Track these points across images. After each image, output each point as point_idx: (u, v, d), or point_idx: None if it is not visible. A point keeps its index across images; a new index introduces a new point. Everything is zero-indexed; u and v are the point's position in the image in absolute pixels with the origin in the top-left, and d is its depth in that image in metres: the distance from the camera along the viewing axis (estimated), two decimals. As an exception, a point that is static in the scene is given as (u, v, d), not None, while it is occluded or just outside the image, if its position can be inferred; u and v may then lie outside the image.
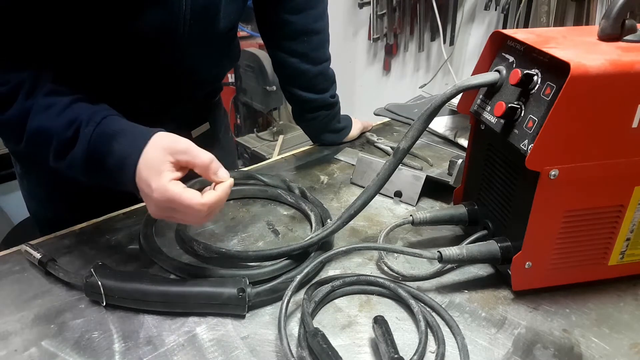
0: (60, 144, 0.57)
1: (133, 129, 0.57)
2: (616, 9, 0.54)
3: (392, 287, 0.59)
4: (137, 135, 0.56)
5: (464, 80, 0.59)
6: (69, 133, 0.56)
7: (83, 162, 0.56)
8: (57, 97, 0.58)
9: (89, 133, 0.56)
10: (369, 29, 2.27)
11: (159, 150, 0.54)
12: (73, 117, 0.57)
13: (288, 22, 0.87)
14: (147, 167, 0.54)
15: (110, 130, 0.56)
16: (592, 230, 0.57)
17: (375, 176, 0.64)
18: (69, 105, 0.58)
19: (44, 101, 0.57)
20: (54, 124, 0.56)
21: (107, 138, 0.56)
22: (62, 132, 0.56)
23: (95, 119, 0.57)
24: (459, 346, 0.53)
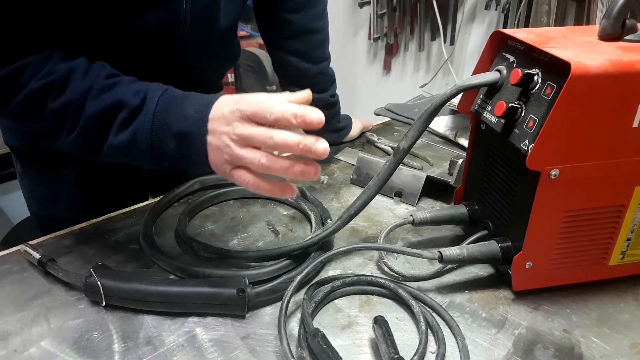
0: (129, 115, 0.55)
1: (199, 95, 0.57)
2: (616, 9, 0.54)
3: (393, 287, 0.59)
4: (205, 96, 0.56)
5: (464, 80, 0.59)
6: (136, 100, 0.55)
7: (150, 124, 0.54)
8: (118, 77, 0.58)
9: (156, 96, 0.55)
10: (369, 28, 2.27)
11: (238, 95, 0.54)
12: (139, 87, 0.56)
13: (288, 21, 0.87)
14: (226, 103, 0.53)
15: (178, 94, 0.56)
16: (593, 230, 0.57)
17: (375, 176, 0.63)
18: (133, 81, 0.58)
19: (108, 82, 0.56)
20: (124, 95, 0.55)
21: (175, 99, 0.55)
22: (131, 100, 0.55)
23: (160, 87, 0.57)
24: (459, 346, 0.53)
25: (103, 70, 0.58)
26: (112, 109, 0.55)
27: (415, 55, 2.22)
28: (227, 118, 0.51)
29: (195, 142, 0.53)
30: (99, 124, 0.55)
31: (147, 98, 0.55)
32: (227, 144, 0.51)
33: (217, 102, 0.53)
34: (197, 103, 0.55)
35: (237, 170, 0.53)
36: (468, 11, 1.97)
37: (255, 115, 0.51)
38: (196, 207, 0.78)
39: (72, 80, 0.55)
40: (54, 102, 0.55)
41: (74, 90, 0.55)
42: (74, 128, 0.56)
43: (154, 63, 0.71)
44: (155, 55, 0.70)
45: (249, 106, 0.51)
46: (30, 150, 0.82)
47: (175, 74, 0.75)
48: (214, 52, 0.79)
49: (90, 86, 0.55)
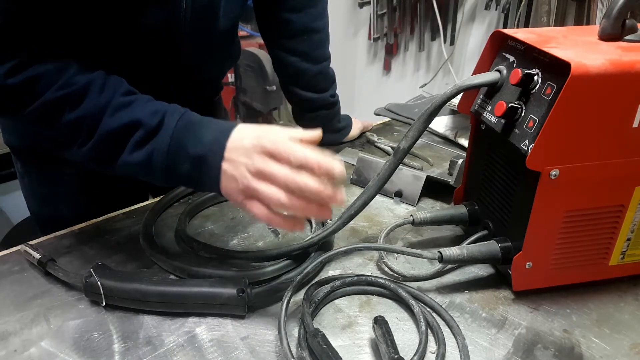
0: (145, 134, 0.55)
1: (217, 121, 0.57)
2: (616, 9, 0.54)
3: (393, 287, 0.59)
4: (223, 123, 0.56)
5: (464, 80, 0.59)
6: (154, 121, 0.55)
7: (166, 146, 0.54)
8: (135, 95, 0.58)
9: (175, 119, 0.55)
10: (369, 28, 2.27)
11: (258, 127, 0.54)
12: (156, 107, 0.56)
13: (288, 20, 0.87)
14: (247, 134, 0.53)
15: (196, 119, 0.56)
16: (593, 230, 0.57)
17: (375, 176, 0.63)
18: (149, 100, 0.58)
19: (125, 99, 0.56)
20: (142, 114, 0.55)
21: (193, 124, 0.56)
22: (148, 120, 0.55)
23: (179, 109, 0.57)
24: (459, 346, 0.53)
25: (120, 86, 0.58)
26: (129, 127, 0.55)
27: (415, 55, 2.22)
28: (247, 149, 0.52)
29: (210, 168, 0.53)
30: (115, 141, 0.56)
31: (166, 119, 0.55)
32: (245, 175, 0.52)
33: (236, 132, 0.54)
34: (215, 129, 0.55)
35: (250, 202, 0.53)
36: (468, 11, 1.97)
37: (277, 154, 0.51)
38: (196, 207, 0.78)
39: (90, 94, 0.55)
40: (70, 114, 0.55)
41: (91, 105, 0.55)
42: (87, 141, 0.56)
43: (154, 62, 0.71)
44: (156, 55, 0.70)
45: (271, 144, 0.51)
46: (30, 150, 0.82)
47: (175, 74, 0.75)
48: (215, 51, 0.79)
49: (108, 102, 0.55)
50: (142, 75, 0.72)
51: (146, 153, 0.55)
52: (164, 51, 0.70)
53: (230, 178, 0.53)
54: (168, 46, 0.70)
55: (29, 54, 0.54)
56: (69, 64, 0.56)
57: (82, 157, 0.58)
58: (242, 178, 0.52)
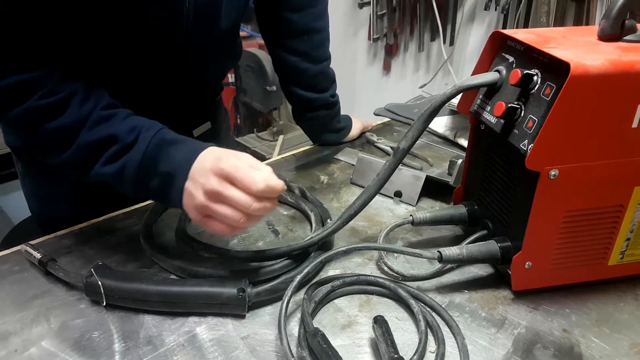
0: (120, 149, 0.58)
1: (191, 140, 0.60)
2: (616, 9, 0.54)
3: (392, 287, 0.59)
4: (195, 143, 0.59)
5: (464, 80, 0.59)
6: (130, 137, 0.58)
7: (138, 162, 0.57)
8: (116, 110, 0.60)
9: (148, 137, 0.58)
10: (369, 29, 2.27)
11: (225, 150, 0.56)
12: (134, 124, 0.59)
13: (289, 20, 0.87)
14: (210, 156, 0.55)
15: (170, 137, 0.59)
16: (592, 230, 0.57)
17: (375, 176, 0.64)
18: (128, 116, 0.60)
19: (105, 113, 0.59)
20: (119, 130, 0.58)
21: (166, 143, 0.58)
22: (125, 136, 0.57)
23: (155, 127, 0.59)
24: (459, 346, 0.53)
25: (102, 99, 0.60)
26: (105, 142, 0.58)
27: (415, 55, 2.22)
28: (205, 170, 0.54)
29: (176, 185, 0.56)
30: (90, 153, 0.58)
31: (141, 136, 0.58)
32: (199, 194, 0.54)
33: (203, 153, 0.56)
34: (186, 149, 0.57)
35: (207, 219, 0.56)
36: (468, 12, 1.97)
37: (236, 180, 0.53)
38: (196, 207, 0.78)
39: (72, 105, 0.57)
40: (50, 123, 0.57)
41: (72, 116, 0.57)
42: (63, 151, 0.58)
43: (155, 62, 0.71)
44: (157, 55, 0.70)
45: (231, 167, 0.53)
46: (31, 150, 0.82)
47: (176, 74, 0.75)
48: (216, 52, 0.79)
49: (88, 115, 0.58)
50: (142, 75, 0.72)
51: (119, 166, 0.58)
52: (165, 51, 0.70)
53: (189, 196, 0.55)
54: (169, 46, 0.70)
55: (22, 53, 0.55)
56: (54, 71, 0.57)
57: (57, 164, 0.60)
58: (197, 197, 0.54)
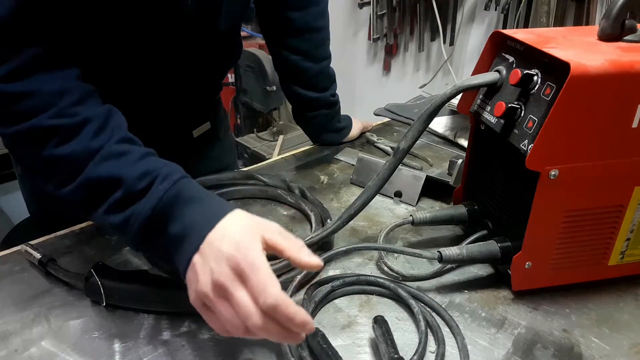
0: (125, 196, 0.50)
1: (212, 199, 0.51)
2: (616, 9, 0.54)
3: (392, 287, 0.59)
4: (215, 205, 0.50)
5: (464, 80, 0.59)
6: (141, 184, 0.50)
7: (145, 218, 0.49)
8: (130, 146, 0.53)
9: (162, 190, 0.49)
10: (369, 29, 2.27)
11: (250, 221, 0.48)
12: (148, 168, 0.51)
13: (290, 19, 0.87)
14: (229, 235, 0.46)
15: (187, 195, 0.50)
16: (592, 230, 0.58)
17: (375, 176, 0.64)
18: (144, 157, 0.52)
19: (117, 148, 0.51)
20: (127, 173, 0.50)
21: (182, 201, 0.50)
22: (134, 182, 0.50)
23: (172, 177, 0.51)
24: (459, 346, 0.53)
25: (118, 131, 0.53)
26: (110, 183, 0.50)
27: (415, 55, 2.22)
28: (221, 254, 0.45)
29: (183, 252, 0.48)
30: (93, 193, 0.51)
31: (153, 187, 0.50)
32: (206, 282, 0.45)
33: (223, 224, 0.47)
34: (203, 212, 0.49)
35: (206, 311, 0.47)
36: (468, 12, 1.97)
37: (249, 282, 0.44)
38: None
39: (83, 133, 0.51)
40: (56, 149, 0.50)
41: (81, 146, 0.50)
42: (65, 184, 0.52)
43: (155, 61, 0.71)
44: (157, 53, 0.70)
45: (249, 268, 0.44)
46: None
47: (176, 72, 0.75)
48: (216, 51, 0.79)
49: (99, 148, 0.51)
50: (142, 75, 0.72)
51: (123, 217, 0.50)
52: (165, 50, 0.70)
53: (194, 273, 0.46)
54: (170, 45, 0.70)
55: (32, 57, 0.50)
56: (69, 89, 0.52)
57: (58, 196, 0.53)
58: (202, 283, 0.45)
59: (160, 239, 0.50)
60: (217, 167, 0.95)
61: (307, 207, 0.77)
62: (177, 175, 0.51)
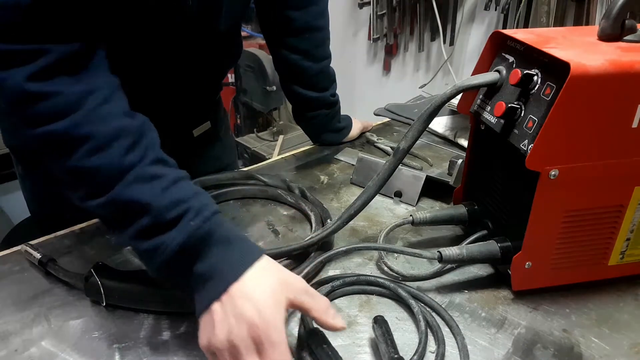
0: (153, 224, 0.48)
1: (239, 241, 0.50)
2: (616, 9, 0.54)
3: (392, 287, 0.59)
4: (246, 250, 0.50)
5: (464, 80, 0.59)
6: (170, 215, 0.47)
7: (172, 253, 0.47)
8: (163, 168, 0.50)
9: (194, 227, 0.47)
10: (369, 29, 2.27)
11: (276, 280, 0.47)
12: (179, 197, 0.48)
13: (290, 18, 0.87)
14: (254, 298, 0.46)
15: (218, 235, 0.49)
16: (592, 230, 0.57)
17: (375, 176, 0.64)
18: (175, 182, 0.50)
19: (149, 170, 0.49)
20: (156, 201, 0.47)
21: (212, 241, 0.48)
22: (162, 211, 0.47)
23: (204, 213, 0.49)
24: (459, 346, 0.53)
25: (152, 149, 0.50)
26: (138, 207, 0.48)
27: (415, 55, 2.22)
28: (242, 313, 0.45)
29: (204, 293, 0.47)
30: (120, 214, 0.49)
31: (183, 222, 0.48)
32: (221, 334, 0.45)
33: (247, 280, 0.47)
34: (230, 258, 0.48)
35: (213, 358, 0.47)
36: (468, 12, 1.97)
37: (265, 356, 0.44)
38: (196, 207, 0.78)
39: (115, 147, 0.48)
40: (84, 160, 0.47)
41: (112, 161, 0.48)
42: (91, 197, 0.49)
43: (155, 60, 0.71)
44: (157, 52, 0.70)
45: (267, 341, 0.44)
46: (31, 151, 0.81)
47: (176, 72, 0.75)
48: (216, 50, 0.79)
49: (131, 166, 0.48)
50: (142, 74, 0.72)
51: (150, 246, 0.48)
52: (165, 48, 0.70)
53: (211, 321, 0.46)
54: (170, 43, 0.69)
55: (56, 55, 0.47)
56: (98, 86, 0.50)
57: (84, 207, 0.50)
58: (218, 337, 0.45)
59: (183, 273, 0.49)
60: (218, 166, 0.95)
61: (307, 207, 0.77)
62: (208, 212, 0.49)
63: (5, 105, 0.48)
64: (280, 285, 0.47)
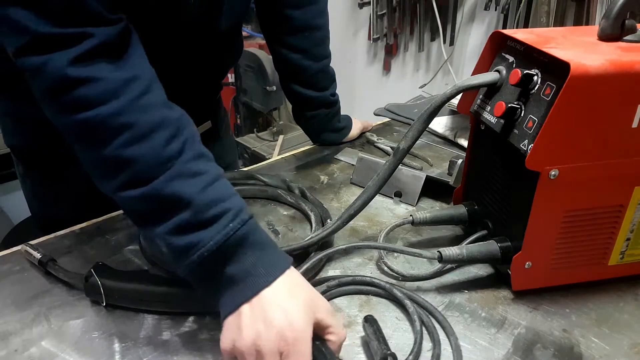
0: (190, 221, 0.47)
1: (272, 247, 0.51)
2: (616, 9, 0.54)
3: (388, 287, 0.59)
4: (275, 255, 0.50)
5: (464, 80, 0.59)
6: (210, 213, 0.47)
7: (209, 251, 0.47)
8: (206, 164, 0.50)
9: (233, 229, 0.47)
10: (369, 29, 2.27)
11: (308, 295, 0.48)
12: (220, 196, 0.49)
13: (289, 17, 0.88)
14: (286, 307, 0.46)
15: (252, 238, 0.49)
16: (592, 230, 0.57)
17: (375, 176, 0.64)
18: (216, 180, 0.50)
19: (192, 166, 0.49)
20: (197, 198, 0.47)
21: (246, 244, 0.48)
22: (202, 209, 0.47)
23: (242, 215, 0.49)
24: (452, 347, 0.53)
25: (192, 143, 0.50)
26: (177, 203, 0.47)
27: (415, 55, 2.22)
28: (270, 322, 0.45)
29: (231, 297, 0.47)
30: (158, 208, 0.48)
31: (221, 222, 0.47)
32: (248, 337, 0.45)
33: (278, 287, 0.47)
34: (261, 262, 0.48)
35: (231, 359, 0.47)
36: (467, 12, 1.97)
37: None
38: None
39: (155, 137, 0.47)
40: (123, 149, 0.47)
41: (152, 151, 0.47)
42: (126, 188, 0.48)
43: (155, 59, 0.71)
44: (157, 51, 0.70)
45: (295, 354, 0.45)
46: (32, 150, 0.81)
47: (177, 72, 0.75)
48: (216, 50, 0.79)
49: (171, 158, 0.48)
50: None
51: (185, 243, 0.47)
52: (166, 47, 0.70)
53: (237, 323, 0.46)
54: (171, 42, 0.69)
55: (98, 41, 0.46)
56: (138, 75, 0.49)
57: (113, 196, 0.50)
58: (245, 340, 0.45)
59: (214, 274, 0.48)
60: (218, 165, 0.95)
61: (307, 207, 0.77)
62: (245, 215, 0.49)
63: (41, 91, 0.47)
64: (312, 301, 0.48)
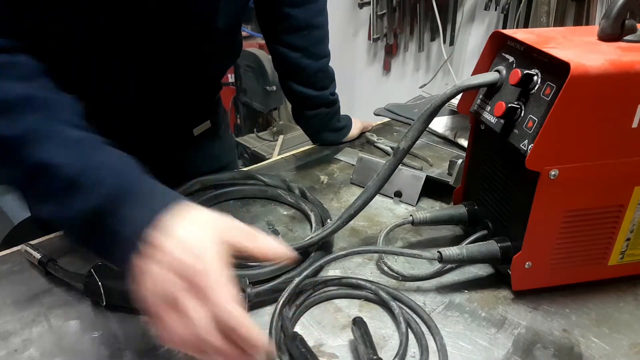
0: (66, 187, 0.45)
1: (153, 190, 0.46)
2: (616, 9, 0.54)
3: (374, 289, 0.59)
4: (157, 195, 0.46)
5: (464, 80, 0.59)
6: (84, 178, 0.45)
7: (88, 212, 0.44)
8: (80, 132, 0.49)
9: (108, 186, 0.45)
10: (369, 29, 2.27)
11: (198, 217, 0.43)
12: (97, 161, 0.47)
13: (289, 15, 0.87)
14: (178, 235, 0.41)
15: (131, 189, 0.45)
16: (592, 230, 0.58)
17: (375, 176, 0.64)
18: (94, 146, 0.48)
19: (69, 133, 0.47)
20: (61, 160, 0.45)
21: (122, 194, 0.45)
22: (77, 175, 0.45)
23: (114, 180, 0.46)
24: (437, 346, 0.53)
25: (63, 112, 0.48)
26: (46, 170, 0.45)
27: (414, 55, 2.22)
28: (172, 259, 0.40)
29: (122, 256, 0.43)
30: (28, 177, 0.46)
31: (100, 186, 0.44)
32: (151, 287, 0.40)
33: (170, 222, 0.42)
34: (140, 206, 0.44)
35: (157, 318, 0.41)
36: (467, 12, 1.97)
37: (207, 297, 0.38)
38: (196, 207, 0.78)
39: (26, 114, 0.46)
40: None
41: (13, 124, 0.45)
42: None
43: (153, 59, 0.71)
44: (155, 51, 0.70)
45: (205, 280, 0.39)
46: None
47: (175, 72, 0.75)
48: (215, 50, 0.79)
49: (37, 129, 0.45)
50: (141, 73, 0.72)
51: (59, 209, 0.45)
52: (165, 46, 0.70)
53: (136, 277, 0.42)
54: (170, 41, 0.69)
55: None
56: (17, 62, 0.48)
57: None
58: (145, 292, 0.41)
59: (98, 236, 0.45)
60: (218, 165, 0.95)
61: (307, 207, 0.77)
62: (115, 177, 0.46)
63: None
64: (210, 225, 0.43)
